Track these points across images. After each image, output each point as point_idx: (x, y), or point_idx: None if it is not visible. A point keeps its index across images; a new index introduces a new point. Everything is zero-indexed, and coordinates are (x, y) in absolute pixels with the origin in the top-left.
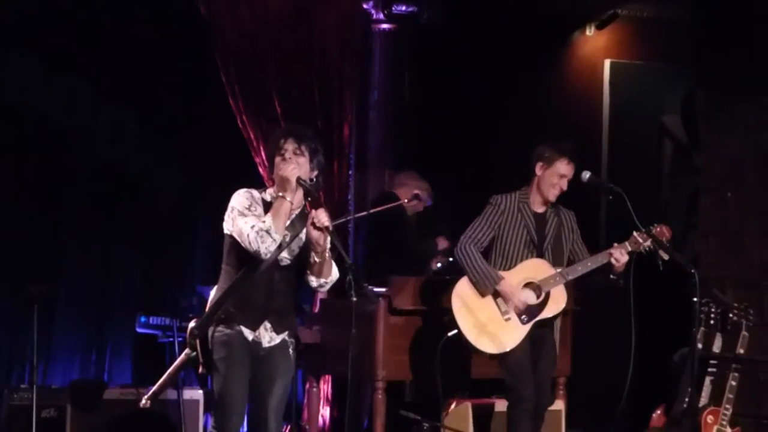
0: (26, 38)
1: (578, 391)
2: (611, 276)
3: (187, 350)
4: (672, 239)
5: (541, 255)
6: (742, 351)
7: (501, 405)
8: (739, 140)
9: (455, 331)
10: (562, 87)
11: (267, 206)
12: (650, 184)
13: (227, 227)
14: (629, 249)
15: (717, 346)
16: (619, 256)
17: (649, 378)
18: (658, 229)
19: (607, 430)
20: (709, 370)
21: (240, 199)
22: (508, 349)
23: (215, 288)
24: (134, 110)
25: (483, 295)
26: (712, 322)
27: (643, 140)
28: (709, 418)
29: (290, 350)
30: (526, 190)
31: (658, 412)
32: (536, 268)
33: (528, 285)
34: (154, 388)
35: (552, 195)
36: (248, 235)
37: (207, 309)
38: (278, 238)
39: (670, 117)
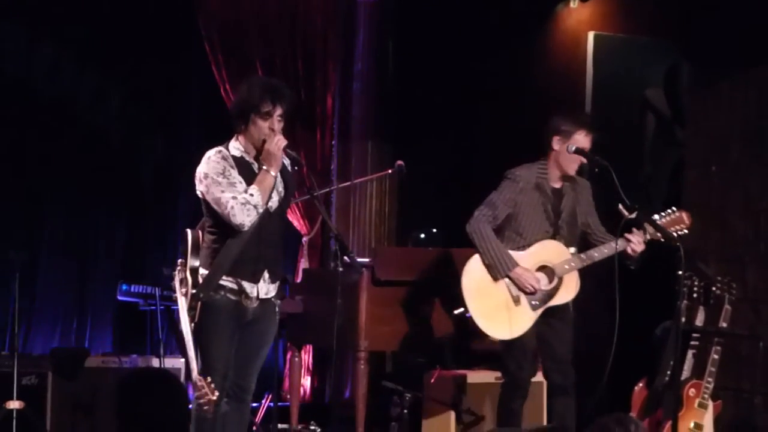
0: (8, 6)
1: None
2: (626, 262)
3: (188, 315)
4: (691, 227)
5: (555, 231)
6: (724, 325)
7: (482, 377)
8: (723, 114)
9: (462, 310)
10: (546, 59)
11: (237, 162)
12: (633, 157)
13: (201, 191)
14: (647, 238)
15: (700, 320)
16: (637, 245)
17: (632, 351)
18: (677, 215)
19: (590, 402)
20: (692, 343)
21: (213, 165)
22: (515, 336)
23: (203, 250)
24: (117, 78)
25: (495, 278)
26: (695, 295)
27: (626, 114)
28: (691, 392)
29: (277, 315)
30: (544, 163)
31: (641, 385)
32: (551, 251)
33: (542, 269)
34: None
35: (572, 169)
36: (232, 207)
37: (205, 272)
38: (261, 211)
39: (653, 90)
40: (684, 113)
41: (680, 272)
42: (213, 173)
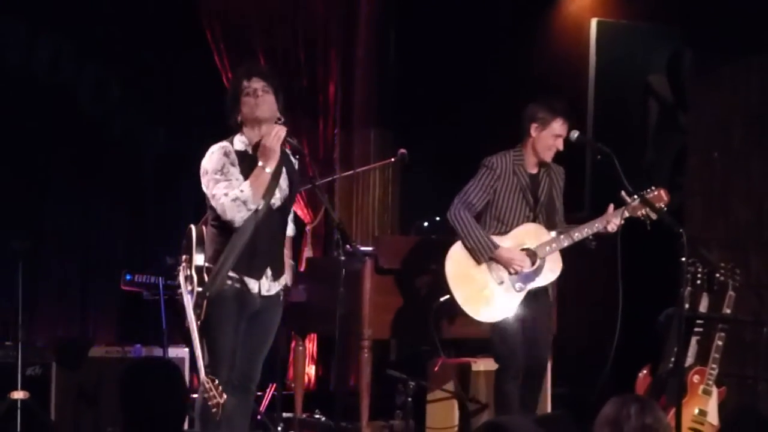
0: None
1: (565, 351)
2: (591, 241)
3: (194, 314)
4: (669, 203)
5: (535, 217)
6: (728, 311)
7: (486, 364)
8: (725, 100)
9: (447, 297)
10: (548, 46)
11: (241, 157)
12: (636, 144)
13: (203, 185)
14: (626, 215)
15: (703, 306)
16: (615, 226)
17: (636, 338)
18: (656, 193)
19: (593, 389)
20: (696, 329)
21: (213, 161)
22: (500, 319)
23: (207, 245)
24: (118, 69)
25: (478, 262)
26: (698, 282)
27: (629, 100)
28: (696, 378)
29: (281, 306)
30: (520, 150)
31: (644, 371)
32: (531, 234)
33: (523, 251)
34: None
35: (548, 156)
36: (223, 203)
37: (211, 268)
38: (253, 208)
39: (656, 77)
40: (687, 99)
41: (683, 259)
42: (211, 170)
